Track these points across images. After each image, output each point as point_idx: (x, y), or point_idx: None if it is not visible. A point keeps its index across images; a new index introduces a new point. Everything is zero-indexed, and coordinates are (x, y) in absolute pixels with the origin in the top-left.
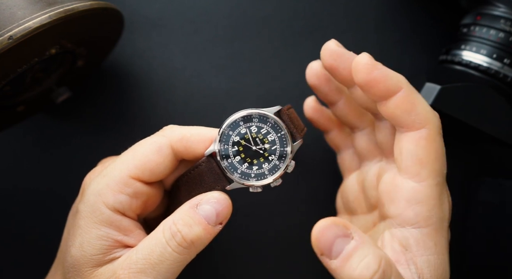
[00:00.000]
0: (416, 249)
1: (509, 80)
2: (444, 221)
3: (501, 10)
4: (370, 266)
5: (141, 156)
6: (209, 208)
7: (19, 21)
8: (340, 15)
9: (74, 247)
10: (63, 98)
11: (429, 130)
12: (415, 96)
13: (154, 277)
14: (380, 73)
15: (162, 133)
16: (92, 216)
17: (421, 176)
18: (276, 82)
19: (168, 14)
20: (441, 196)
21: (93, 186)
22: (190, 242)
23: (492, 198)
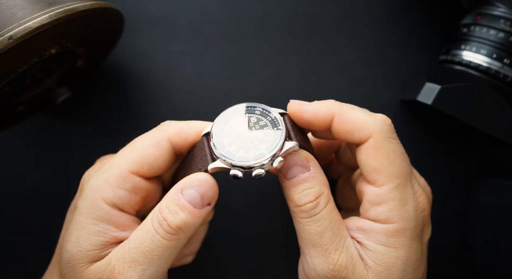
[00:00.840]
0: (369, 234)
1: (509, 80)
2: (408, 220)
3: (501, 10)
4: (308, 196)
5: (139, 151)
6: (192, 192)
7: (19, 21)
8: (340, 15)
9: (71, 243)
10: (63, 98)
11: (374, 138)
12: (350, 116)
13: (147, 265)
14: (309, 114)
15: (160, 128)
16: (90, 212)
17: (379, 182)
18: (276, 82)
19: (168, 14)
20: (403, 197)
21: (91, 182)
22: (177, 228)
23: (492, 198)
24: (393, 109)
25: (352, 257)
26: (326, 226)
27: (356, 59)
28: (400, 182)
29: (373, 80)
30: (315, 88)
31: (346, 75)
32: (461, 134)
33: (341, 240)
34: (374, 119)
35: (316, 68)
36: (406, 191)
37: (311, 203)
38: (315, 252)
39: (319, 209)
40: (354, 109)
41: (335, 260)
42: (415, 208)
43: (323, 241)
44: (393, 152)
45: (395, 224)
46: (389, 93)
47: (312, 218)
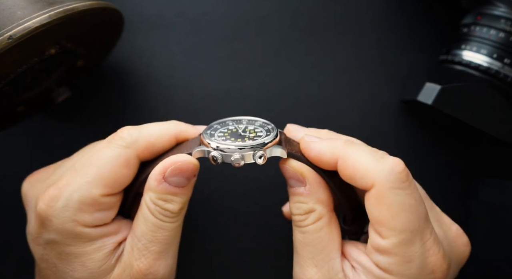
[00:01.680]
0: (367, 272)
1: (510, 80)
2: (408, 278)
3: (501, 10)
4: (298, 209)
5: (109, 173)
6: (178, 179)
7: (19, 21)
8: (340, 15)
9: (77, 271)
10: (63, 98)
11: (377, 188)
12: (353, 161)
13: (167, 249)
14: (314, 154)
15: (124, 143)
16: (77, 240)
17: (382, 234)
18: (276, 82)
19: (168, 14)
20: (407, 254)
21: (62, 214)
22: (179, 211)
23: (492, 198)
24: (393, 109)
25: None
26: (310, 240)
27: (356, 59)
28: (405, 238)
29: (373, 80)
30: (315, 88)
31: (346, 75)
32: (461, 134)
33: (323, 259)
34: (380, 167)
35: (316, 68)
36: (412, 248)
37: (300, 216)
38: (296, 259)
39: (306, 224)
40: (360, 153)
41: (311, 274)
42: (421, 268)
43: (304, 252)
44: (399, 205)
45: (393, 277)
46: (389, 93)
47: (299, 228)
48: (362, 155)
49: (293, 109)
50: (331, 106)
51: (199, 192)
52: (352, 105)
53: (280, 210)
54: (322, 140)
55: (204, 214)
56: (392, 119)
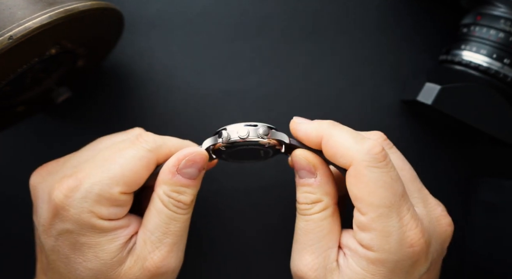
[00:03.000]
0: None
1: (509, 80)
2: (390, 253)
3: (501, 10)
4: (306, 199)
5: (130, 173)
6: (191, 170)
7: (19, 21)
8: (340, 15)
9: (89, 261)
10: (63, 98)
11: (354, 166)
12: (335, 140)
13: (179, 241)
14: (301, 134)
15: (148, 147)
16: (92, 230)
17: (361, 211)
18: (276, 82)
19: (168, 14)
20: (385, 228)
21: (79, 205)
22: (191, 202)
23: (492, 198)
24: (393, 109)
25: (325, 267)
26: (311, 228)
27: (356, 59)
28: (382, 213)
29: (373, 80)
30: (315, 88)
31: (346, 75)
32: (461, 134)
33: (321, 247)
34: (359, 147)
35: (316, 68)
36: (389, 222)
37: (306, 205)
38: (295, 247)
39: (310, 212)
40: (342, 133)
41: (307, 261)
42: (399, 242)
43: (304, 240)
44: (375, 181)
45: (375, 253)
46: (389, 93)
47: (303, 216)
48: (344, 136)
49: (293, 109)
50: (331, 106)
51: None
52: (352, 105)
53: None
54: (310, 121)
55: (205, 213)
56: (392, 119)
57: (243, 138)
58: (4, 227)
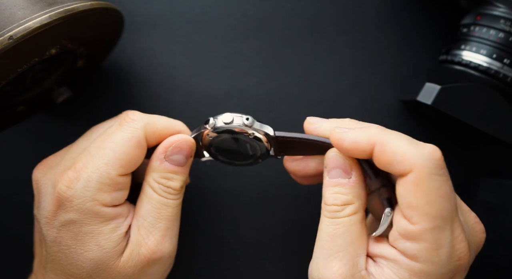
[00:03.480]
0: (392, 264)
1: (509, 80)
2: (438, 266)
3: (501, 10)
4: (337, 200)
5: (124, 155)
6: (178, 157)
7: (19, 21)
8: (340, 15)
9: (91, 251)
10: (63, 98)
11: (415, 173)
12: (391, 146)
13: (172, 225)
14: (348, 143)
15: (135, 125)
16: (96, 218)
17: (413, 220)
18: (276, 82)
19: (168, 14)
20: (437, 241)
21: (83, 194)
22: (180, 188)
23: (492, 198)
24: (393, 109)
25: (353, 276)
26: (341, 233)
27: (356, 59)
28: (437, 225)
29: (373, 80)
30: (315, 88)
31: (346, 75)
32: (461, 134)
33: (350, 254)
34: (419, 152)
35: (316, 68)
36: (442, 235)
37: (336, 207)
38: (320, 253)
39: (342, 215)
40: (398, 139)
41: (335, 268)
42: (449, 255)
43: (331, 245)
44: (436, 191)
45: (421, 265)
46: (389, 93)
47: (332, 219)
48: (400, 141)
49: (293, 109)
50: (331, 106)
51: (200, 191)
52: (352, 105)
53: (280, 208)
54: (356, 129)
55: (204, 213)
56: (392, 119)
57: (227, 123)
58: (4, 227)
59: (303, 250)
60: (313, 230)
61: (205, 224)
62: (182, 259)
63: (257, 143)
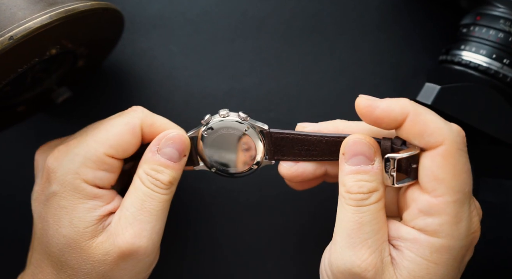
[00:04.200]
0: (411, 244)
1: (509, 80)
2: (456, 239)
3: (500, 11)
4: (362, 188)
5: (115, 136)
6: (169, 150)
7: (20, 21)
8: (340, 15)
9: (64, 228)
10: (63, 98)
11: (445, 146)
12: (424, 118)
13: (155, 221)
14: (381, 111)
15: (134, 114)
16: (74, 193)
17: (437, 192)
18: (276, 82)
19: (168, 14)
20: (458, 214)
21: (67, 166)
22: (169, 183)
23: (492, 198)
24: None
25: (382, 261)
26: (368, 220)
27: (356, 59)
28: (459, 198)
29: (373, 80)
30: (315, 88)
31: (346, 76)
32: None
33: (377, 241)
34: (449, 127)
35: (316, 69)
36: (462, 209)
37: (362, 195)
38: (347, 243)
39: (368, 202)
40: (429, 113)
41: (364, 256)
42: (467, 229)
43: (360, 234)
44: (462, 165)
45: (442, 240)
46: (389, 93)
47: (358, 207)
48: (432, 115)
49: (293, 109)
50: (331, 106)
51: (199, 192)
52: (352, 105)
53: (280, 208)
54: (386, 99)
55: (204, 213)
56: None
57: (223, 115)
58: (4, 227)
59: (304, 250)
60: (314, 230)
61: (204, 225)
62: (181, 260)
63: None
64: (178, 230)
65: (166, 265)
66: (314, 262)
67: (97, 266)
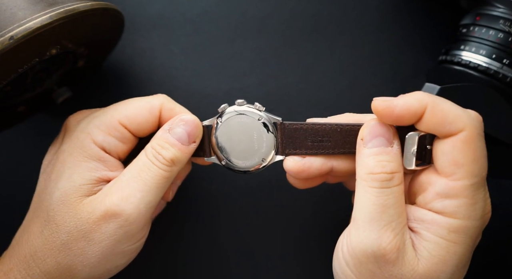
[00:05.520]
0: (429, 225)
1: (508, 80)
2: (472, 220)
3: (500, 11)
4: (385, 168)
5: (133, 109)
6: (180, 130)
7: (20, 21)
8: (340, 15)
9: (63, 180)
10: (63, 98)
11: (466, 132)
12: (442, 107)
13: (146, 192)
14: (400, 108)
15: (157, 97)
16: (81, 151)
17: (456, 176)
18: (276, 82)
19: (168, 14)
20: (475, 196)
21: (81, 126)
22: (170, 160)
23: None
24: None
25: (404, 244)
26: (392, 203)
27: (356, 59)
28: (477, 182)
29: (373, 80)
30: (315, 88)
31: (346, 75)
32: None
33: (400, 223)
34: (468, 114)
35: (316, 68)
36: (479, 191)
37: (386, 175)
38: (370, 226)
39: (392, 184)
40: (447, 102)
41: (389, 239)
42: (482, 210)
43: (384, 217)
44: (481, 150)
45: (460, 221)
46: (389, 93)
47: (382, 189)
48: (449, 104)
49: (293, 109)
50: (331, 106)
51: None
52: (352, 105)
53: (280, 208)
54: (401, 96)
55: (204, 213)
56: None
57: (239, 103)
58: (4, 227)
59: (305, 250)
60: (315, 230)
61: (204, 225)
62: (181, 260)
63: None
64: (178, 230)
65: (166, 265)
66: (314, 262)
67: (80, 224)
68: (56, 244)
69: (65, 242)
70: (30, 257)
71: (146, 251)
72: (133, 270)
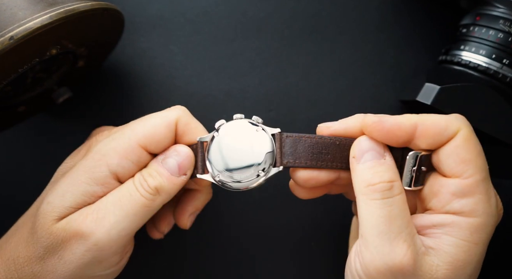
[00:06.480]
0: (450, 229)
1: (508, 80)
2: (490, 216)
3: (500, 11)
4: (382, 177)
5: (151, 127)
6: (171, 161)
7: (20, 21)
8: (340, 15)
9: (54, 194)
10: (63, 98)
11: (463, 130)
12: (431, 119)
13: (122, 217)
14: (391, 124)
15: (172, 111)
16: (90, 171)
17: (467, 174)
18: (276, 82)
19: (168, 14)
20: (488, 191)
21: (99, 146)
22: (155, 188)
23: None
24: (393, 109)
25: (418, 254)
26: (397, 213)
27: (356, 59)
28: (485, 176)
29: (373, 80)
30: (315, 88)
31: (346, 75)
32: None
33: (410, 233)
34: (455, 117)
35: (316, 69)
36: (489, 185)
37: (385, 184)
38: (380, 240)
39: (393, 194)
40: (431, 115)
41: (403, 251)
42: (496, 205)
43: (392, 229)
44: (479, 145)
45: (479, 218)
46: (389, 93)
47: (384, 200)
48: (434, 115)
49: (293, 109)
50: (331, 106)
51: None
52: (352, 105)
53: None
54: (391, 116)
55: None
56: None
57: (237, 118)
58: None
59: (306, 250)
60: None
61: (204, 225)
62: (181, 260)
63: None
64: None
65: (166, 265)
66: (315, 262)
67: (55, 241)
68: (34, 255)
69: (41, 255)
70: (12, 261)
71: (146, 252)
72: (133, 270)
